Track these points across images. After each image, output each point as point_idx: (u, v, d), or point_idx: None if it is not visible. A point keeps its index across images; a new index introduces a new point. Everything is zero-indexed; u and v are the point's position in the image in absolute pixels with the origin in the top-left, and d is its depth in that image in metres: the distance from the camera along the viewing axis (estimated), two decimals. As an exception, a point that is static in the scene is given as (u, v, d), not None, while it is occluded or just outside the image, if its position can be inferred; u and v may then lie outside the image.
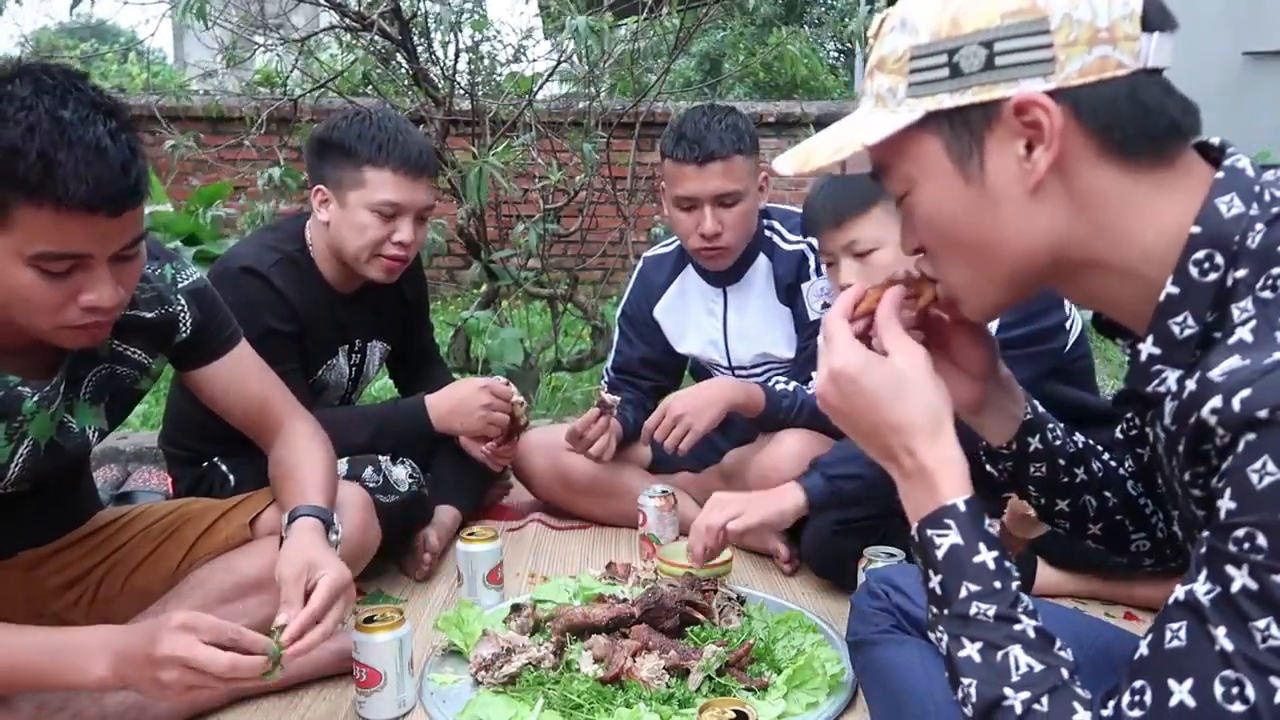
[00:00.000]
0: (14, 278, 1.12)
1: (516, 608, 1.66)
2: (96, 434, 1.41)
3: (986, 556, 0.81)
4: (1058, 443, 1.06)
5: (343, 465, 1.83)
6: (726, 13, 3.94)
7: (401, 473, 1.91)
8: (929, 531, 0.83)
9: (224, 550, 1.51)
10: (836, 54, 10.68)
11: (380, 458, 1.89)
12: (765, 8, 8.64)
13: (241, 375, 1.55)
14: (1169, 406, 0.76)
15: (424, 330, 2.36)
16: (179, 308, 1.45)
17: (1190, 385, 0.71)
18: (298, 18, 3.70)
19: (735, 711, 1.25)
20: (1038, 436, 1.06)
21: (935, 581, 0.82)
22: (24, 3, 3.16)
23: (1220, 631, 0.65)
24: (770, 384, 2.05)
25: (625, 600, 1.64)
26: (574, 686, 1.42)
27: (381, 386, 3.45)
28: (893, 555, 1.64)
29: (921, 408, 0.86)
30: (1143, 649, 0.70)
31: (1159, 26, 0.76)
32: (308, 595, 1.28)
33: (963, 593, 0.80)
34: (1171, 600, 0.69)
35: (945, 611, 0.81)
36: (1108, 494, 1.07)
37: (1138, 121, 0.76)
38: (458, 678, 1.52)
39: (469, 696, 1.45)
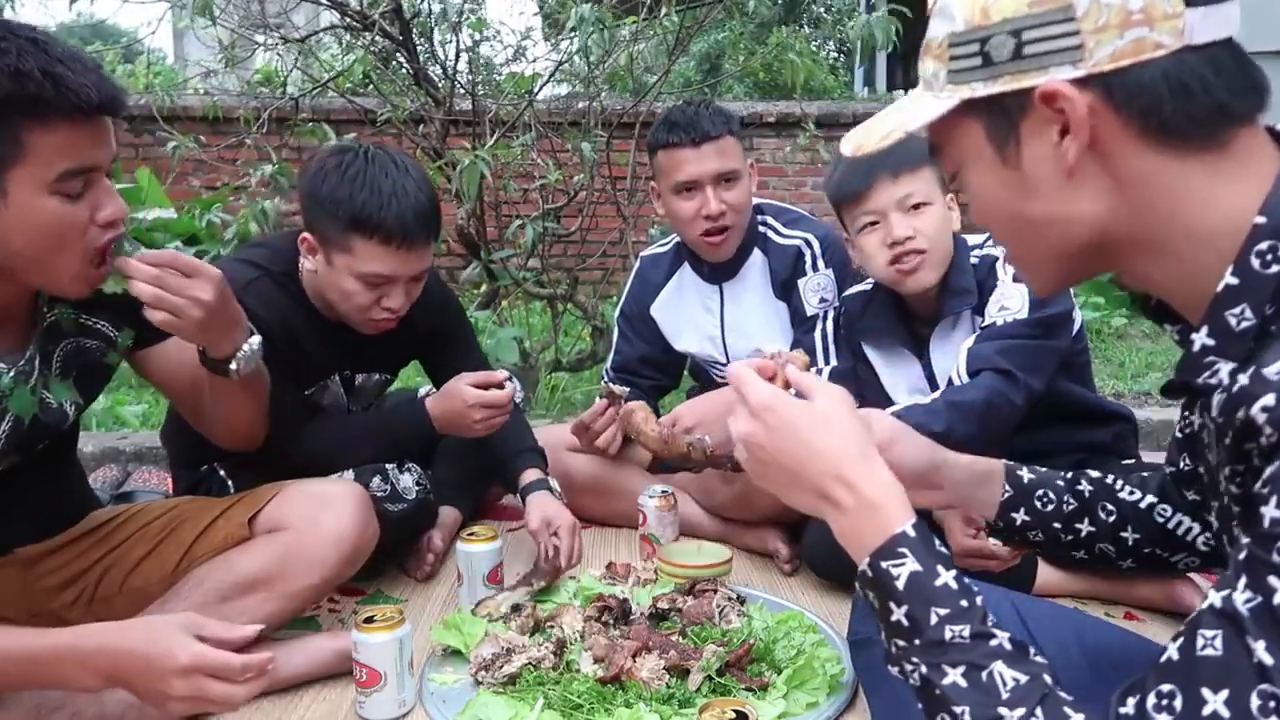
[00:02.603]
0: (42, 211, 1.15)
1: (516, 608, 1.66)
2: (73, 407, 1.41)
3: (947, 577, 0.79)
4: (1049, 508, 1.08)
5: (349, 475, 1.82)
6: (726, 13, 3.95)
7: (409, 480, 1.90)
8: (883, 564, 0.81)
9: (223, 549, 1.50)
10: (836, 54, 10.68)
11: (387, 466, 1.88)
12: (765, 8, 8.64)
13: (191, 352, 1.50)
14: (1217, 399, 0.74)
15: (456, 359, 2.08)
16: None
17: (1242, 379, 0.69)
18: (298, 17, 3.70)
19: (735, 711, 1.25)
20: (1023, 510, 1.08)
21: (900, 613, 0.79)
22: (25, 3, 3.15)
23: (1260, 645, 0.62)
24: None
25: (625, 600, 1.63)
26: (574, 686, 1.42)
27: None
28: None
29: (847, 435, 0.86)
30: (1172, 652, 0.67)
31: None
32: None
33: (933, 619, 0.77)
34: (1206, 605, 0.66)
35: (917, 642, 0.78)
36: (1126, 534, 1.07)
37: (1178, 104, 0.73)
38: (458, 678, 1.52)
39: (469, 696, 1.45)
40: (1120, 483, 1.11)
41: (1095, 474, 1.12)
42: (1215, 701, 0.63)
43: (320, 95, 3.66)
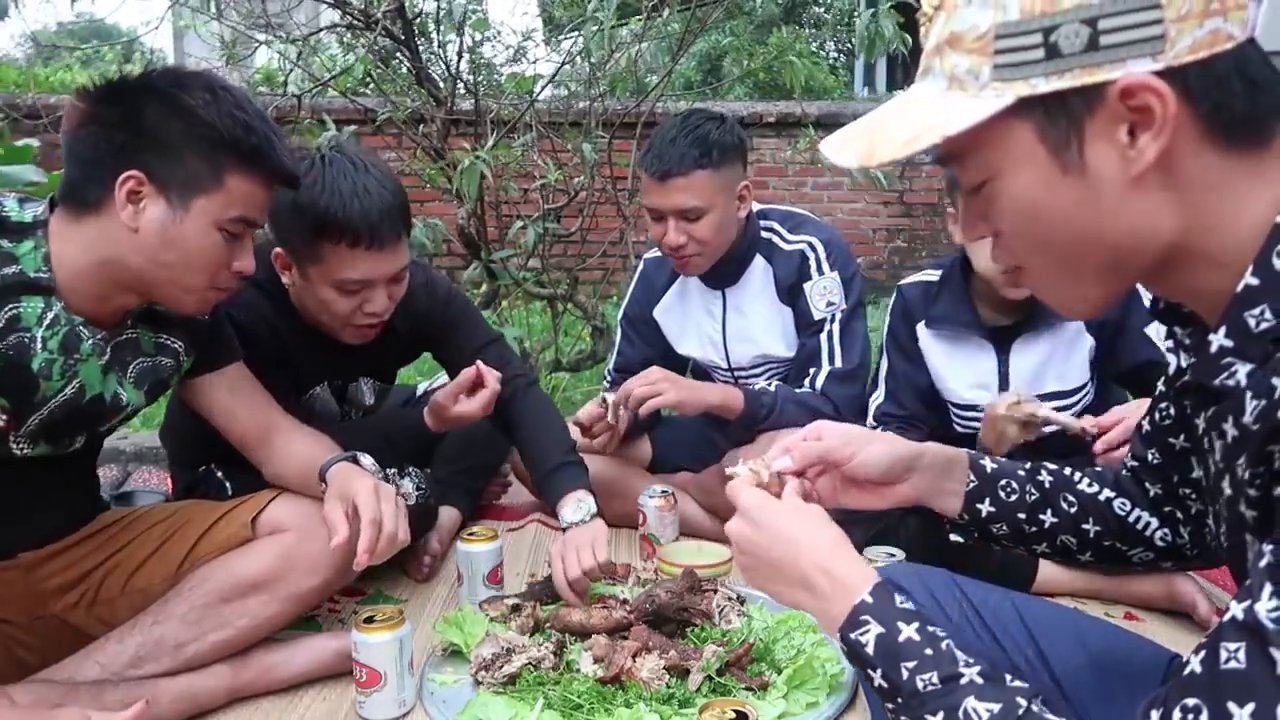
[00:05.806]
0: (205, 237, 1.32)
1: (516, 608, 1.66)
2: (129, 405, 1.48)
3: (909, 631, 0.82)
4: (1013, 498, 1.08)
5: None
6: (727, 14, 3.95)
7: (409, 485, 1.89)
8: (852, 635, 0.85)
9: (225, 550, 1.50)
10: (836, 54, 10.69)
11: (388, 470, 1.87)
12: (768, 7, 8.63)
13: (242, 386, 1.61)
14: (1251, 404, 0.69)
15: (460, 345, 2.01)
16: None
17: None
18: (299, 16, 3.70)
19: (735, 711, 1.25)
20: (988, 500, 1.08)
21: (878, 677, 0.82)
22: (26, 3, 3.15)
23: None
24: (752, 387, 2.07)
25: (625, 600, 1.64)
26: (574, 686, 1.42)
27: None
28: (893, 555, 1.64)
29: (824, 529, 0.93)
30: (1195, 666, 0.65)
31: None
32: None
33: (904, 674, 0.80)
34: (1228, 617, 0.64)
35: (900, 700, 0.81)
36: (1087, 526, 1.08)
37: (1246, 100, 0.69)
38: (458, 678, 1.52)
39: (469, 696, 1.45)
40: (1078, 475, 1.11)
41: (1053, 465, 1.12)
42: (1241, 715, 0.62)
43: (321, 94, 3.65)
